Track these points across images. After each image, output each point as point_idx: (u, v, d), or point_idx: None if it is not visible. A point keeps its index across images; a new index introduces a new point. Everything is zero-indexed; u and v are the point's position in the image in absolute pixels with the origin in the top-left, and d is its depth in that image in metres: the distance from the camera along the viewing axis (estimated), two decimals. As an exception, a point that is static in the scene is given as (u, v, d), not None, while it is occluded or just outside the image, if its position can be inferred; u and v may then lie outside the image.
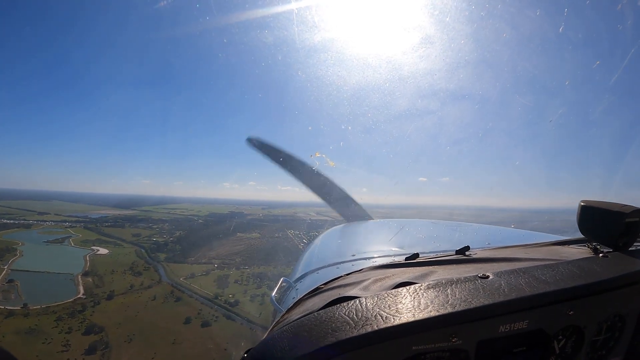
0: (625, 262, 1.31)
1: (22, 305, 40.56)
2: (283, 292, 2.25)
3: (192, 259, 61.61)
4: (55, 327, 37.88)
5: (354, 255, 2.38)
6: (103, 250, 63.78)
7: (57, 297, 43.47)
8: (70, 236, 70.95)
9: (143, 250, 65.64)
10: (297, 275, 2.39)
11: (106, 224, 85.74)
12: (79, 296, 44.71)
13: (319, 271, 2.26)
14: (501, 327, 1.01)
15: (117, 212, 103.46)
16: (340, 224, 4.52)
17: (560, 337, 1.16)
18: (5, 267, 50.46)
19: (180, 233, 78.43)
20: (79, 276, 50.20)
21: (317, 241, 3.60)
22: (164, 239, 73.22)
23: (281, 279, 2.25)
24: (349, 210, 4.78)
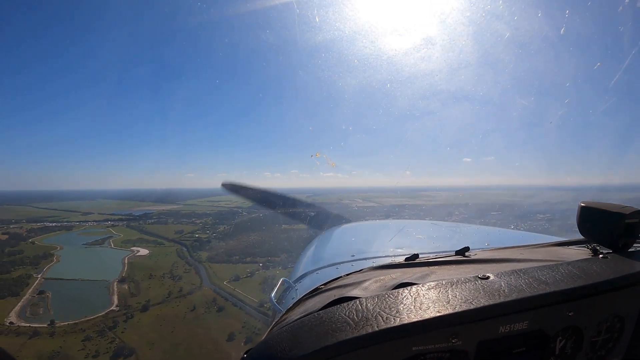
0: (625, 263, 1.30)
1: (49, 323, 35.89)
2: (283, 292, 2.25)
3: (237, 257, 55.43)
4: (82, 349, 32.61)
5: (353, 256, 2.38)
6: (143, 251, 59.71)
7: (88, 310, 38.56)
8: (111, 236, 67.98)
9: (184, 249, 60.75)
10: (297, 275, 2.37)
11: (149, 221, 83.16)
12: (111, 308, 39.56)
13: (319, 271, 2.25)
14: (501, 327, 1.03)
15: (161, 207, 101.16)
16: (349, 223, 4.45)
17: (560, 337, 1.17)
18: (39, 275, 46.88)
19: (223, 228, 73.24)
20: (115, 283, 45.46)
21: (317, 241, 3.50)
22: (206, 235, 68.31)
23: (281, 279, 2.25)
24: (319, 220, 4.70)
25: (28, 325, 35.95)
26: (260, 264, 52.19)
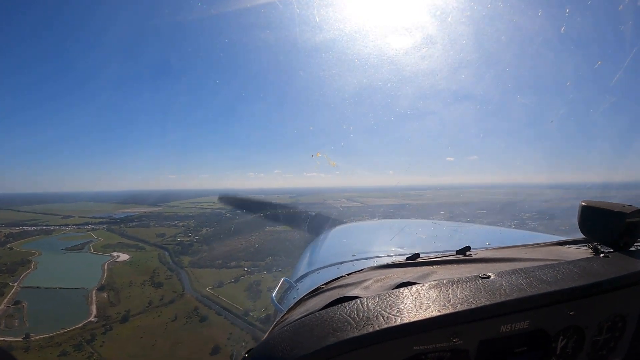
0: (626, 262, 1.31)
1: (24, 336, 34.65)
2: (284, 292, 2.24)
3: (220, 261, 54.65)
4: (58, 365, 31.75)
5: (354, 256, 2.37)
6: (124, 256, 58.14)
7: (65, 321, 37.44)
8: (91, 241, 65.98)
9: (166, 254, 59.37)
10: (298, 275, 2.36)
11: (131, 224, 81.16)
12: (90, 319, 38.47)
13: (320, 271, 2.26)
14: (502, 327, 1.03)
15: (143, 209, 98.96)
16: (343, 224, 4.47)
17: (561, 337, 1.17)
18: (15, 284, 45.14)
19: (206, 230, 71.96)
20: (94, 291, 44.14)
21: (318, 241, 3.50)
22: (189, 239, 66.95)
23: (282, 279, 2.24)
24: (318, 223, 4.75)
25: (2, 339, 34.63)
26: (246, 269, 51.48)
